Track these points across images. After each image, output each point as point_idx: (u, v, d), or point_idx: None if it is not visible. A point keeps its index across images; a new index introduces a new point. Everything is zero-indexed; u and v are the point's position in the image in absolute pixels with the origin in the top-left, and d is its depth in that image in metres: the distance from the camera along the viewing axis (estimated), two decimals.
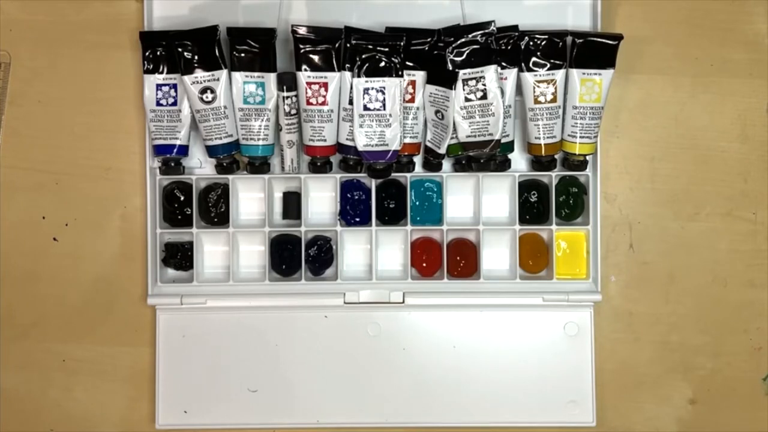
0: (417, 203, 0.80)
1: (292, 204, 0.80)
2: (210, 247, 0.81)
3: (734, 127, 0.81)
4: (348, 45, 0.75)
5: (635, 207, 0.81)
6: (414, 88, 0.76)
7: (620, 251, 0.81)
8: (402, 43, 0.74)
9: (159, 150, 0.78)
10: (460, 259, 0.80)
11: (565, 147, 0.78)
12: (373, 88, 0.74)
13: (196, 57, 0.75)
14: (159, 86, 0.77)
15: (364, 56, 0.74)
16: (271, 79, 0.76)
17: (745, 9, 0.81)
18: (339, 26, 0.76)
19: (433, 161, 0.78)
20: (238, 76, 0.76)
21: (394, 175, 0.78)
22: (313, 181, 0.80)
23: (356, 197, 0.80)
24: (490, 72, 0.74)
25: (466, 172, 0.79)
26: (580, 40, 0.75)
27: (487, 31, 0.75)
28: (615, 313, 0.81)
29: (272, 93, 0.76)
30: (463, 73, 0.74)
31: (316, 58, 0.75)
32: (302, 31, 0.75)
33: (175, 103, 0.77)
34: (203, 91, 0.75)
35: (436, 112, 0.76)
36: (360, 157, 0.76)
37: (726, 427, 0.81)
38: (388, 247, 0.81)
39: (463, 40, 0.75)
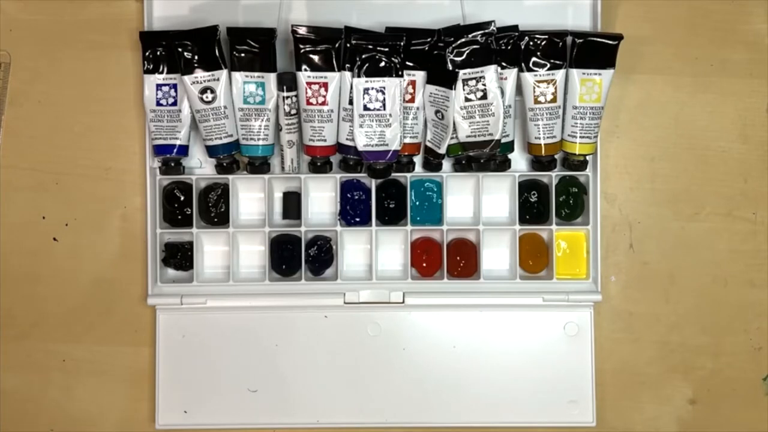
0: (417, 203, 0.80)
1: (292, 204, 0.80)
2: (210, 247, 0.81)
3: (734, 127, 0.81)
4: (348, 45, 0.75)
5: (635, 207, 0.81)
6: (414, 88, 0.76)
7: (620, 251, 0.81)
8: (402, 43, 0.74)
9: (159, 150, 0.78)
10: (460, 259, 0.80)
11: (565, 147, 0.78)
12: (373, 88, 0.74)
13: (196, 57, 0.75)
14: (159, 86, 0.77)
15: (364, 56, 0.74)
16: (271, 79, 0.76)
17: (745, 9, 0.81)
18: (339, 26, 0.76)
19: (433, 161, 0.78)
20: (238, 76, 0.76)
21: (394, 175, 0.78)
22: (313, 181, 0.80)
23: (356, 197, 0.80)
24: (490, 72, 0.74)
25: (466, 172, 0.79)
26: (580, 40, 0.75)
27: (487, 31, 0.75)
28: (615, 313, 0.81)
29: (272, 93, 0.76)
30: (463, 73, 0.74)
31: (316, 58, 0.75)
32: (302, 31, 0.75)
33: (175, 103, 0.77)
34: (203, 91, 0.75)
35: (436, 112, 0.76)
36: (360, 157, 0.76)
37: (726, 427, 0.81)
38: (388, 247, 0.81)
39: (463, 40, 0.75)
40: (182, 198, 0.80)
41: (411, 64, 0.75)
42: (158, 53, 0.77)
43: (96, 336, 0.81)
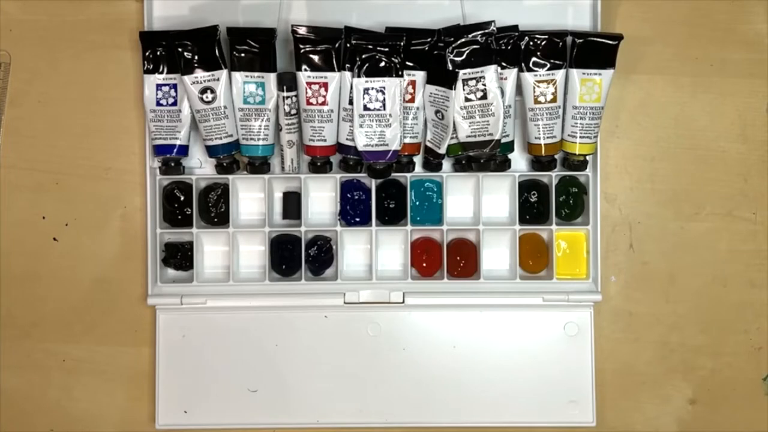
0: (417, 203, 0.80)
1: (292, 204, 0.80)
2: (210, 247, 0.81)
3: (734, 127, 0.81)
4: (348, 45, 0.75)
5: (635, 207, 0.81)
6: (414, 88, 0.76)
7: (620, 251, 0.81)
8: (402, 43, 0.74)
9: (159, 150, 0.78)
10: (460, 259, 0.80)
11: (565, 147, 0.78)
12: (373, 88, 0.74)
13: (196, 57, 0.75)
14: (159, 86, 0.77)
15: (364, 56, 0.74)
16: (271, 79, 0.76)
17: (745, 9, 0.81)
18: (339, 26, 0.76)
19: (433, 161, 0.78)
20: (238, 76, 0.76)
21: (394, 175, 0.78)
22: (313, 181, 0.80)
23: (356, 197, 0.80)
24: (490, 72, 0.74)
25: (466, 172, 0.79)
26: (580, 40, 0.75)
27: (487, 31, 0.75)
28: (615, 313, 0.81)
29: (272, 93, 0.76)
30: (463, 73, 0.74)
31: (316, 58, 0.75)
32: (302, 31, 0.75)
33: (175, 103, 0.77)
34: (203, 91, 0.75)
35: (436, 112, 0.76)
36: (360, 157, 0.76)
37: (726, 427, 0.81)
38: (388, 247, 0.81)
39: (463, 40, 0.75)
40: (182, 198, 0.80)
41: (411, 64, 0.75)
42: (158, 53, 0.77)
43: (96, 336, 0.81)
